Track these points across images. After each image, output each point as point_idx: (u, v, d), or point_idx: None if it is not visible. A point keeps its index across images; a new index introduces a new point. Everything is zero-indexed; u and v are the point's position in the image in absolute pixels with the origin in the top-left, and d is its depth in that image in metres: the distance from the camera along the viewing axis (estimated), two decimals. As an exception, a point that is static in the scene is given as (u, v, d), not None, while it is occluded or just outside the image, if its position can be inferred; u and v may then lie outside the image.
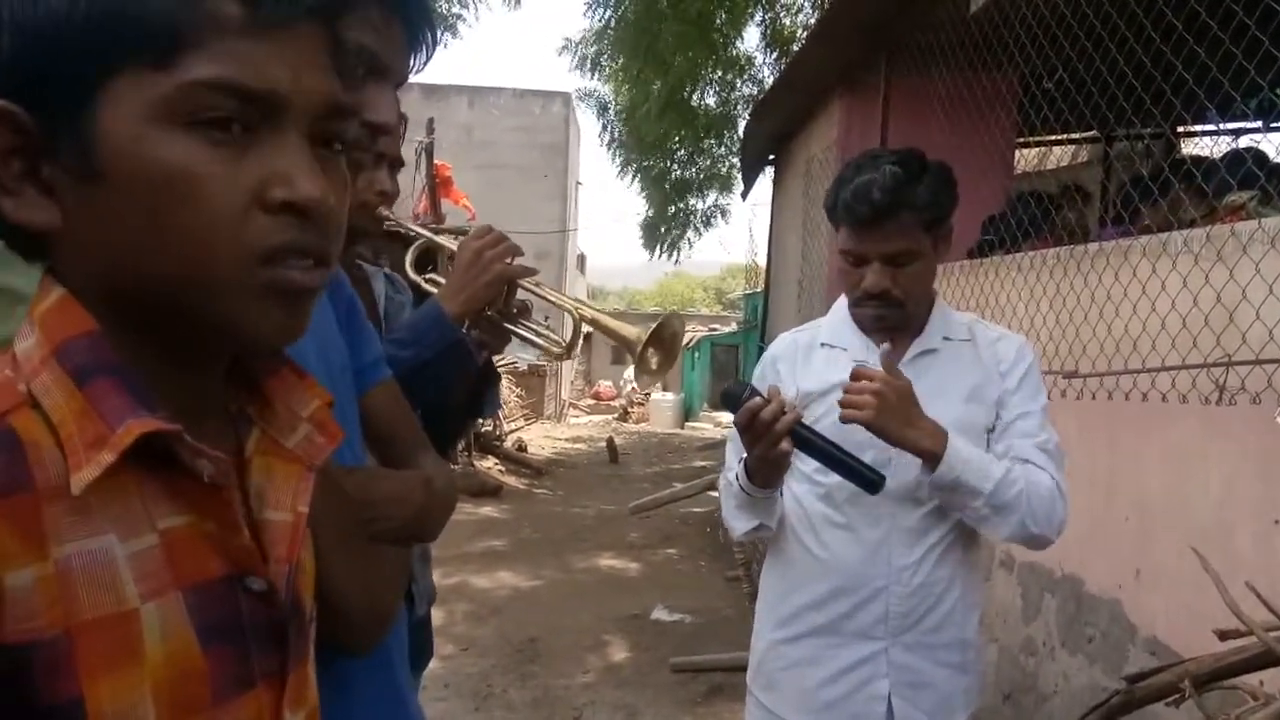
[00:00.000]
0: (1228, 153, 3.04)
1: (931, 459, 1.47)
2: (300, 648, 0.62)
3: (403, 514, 0.92)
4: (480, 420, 8.53)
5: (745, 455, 1.49)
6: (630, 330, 1.43)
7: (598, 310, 1.46)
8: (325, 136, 0.57)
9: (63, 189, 0.52)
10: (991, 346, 1.67)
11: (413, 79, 1.15)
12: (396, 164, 1.32)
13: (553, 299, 1.44)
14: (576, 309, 1.43)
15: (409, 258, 1.49)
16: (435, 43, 1.04)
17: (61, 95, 0.51)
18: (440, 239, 1.50)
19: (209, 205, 0.52)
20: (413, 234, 1.49)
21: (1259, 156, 2.76)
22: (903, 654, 1.59)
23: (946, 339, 1.65)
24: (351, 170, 1.05)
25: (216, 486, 0.54)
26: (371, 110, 0.98)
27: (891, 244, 1.54)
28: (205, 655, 0.54)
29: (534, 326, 1.44)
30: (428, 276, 1.49)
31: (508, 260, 1.36)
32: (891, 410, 1.45)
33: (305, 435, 0.64)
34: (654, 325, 1.40)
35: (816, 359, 1.66)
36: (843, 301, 1.72)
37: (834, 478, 1.51)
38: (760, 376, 1.71)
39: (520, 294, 1.43)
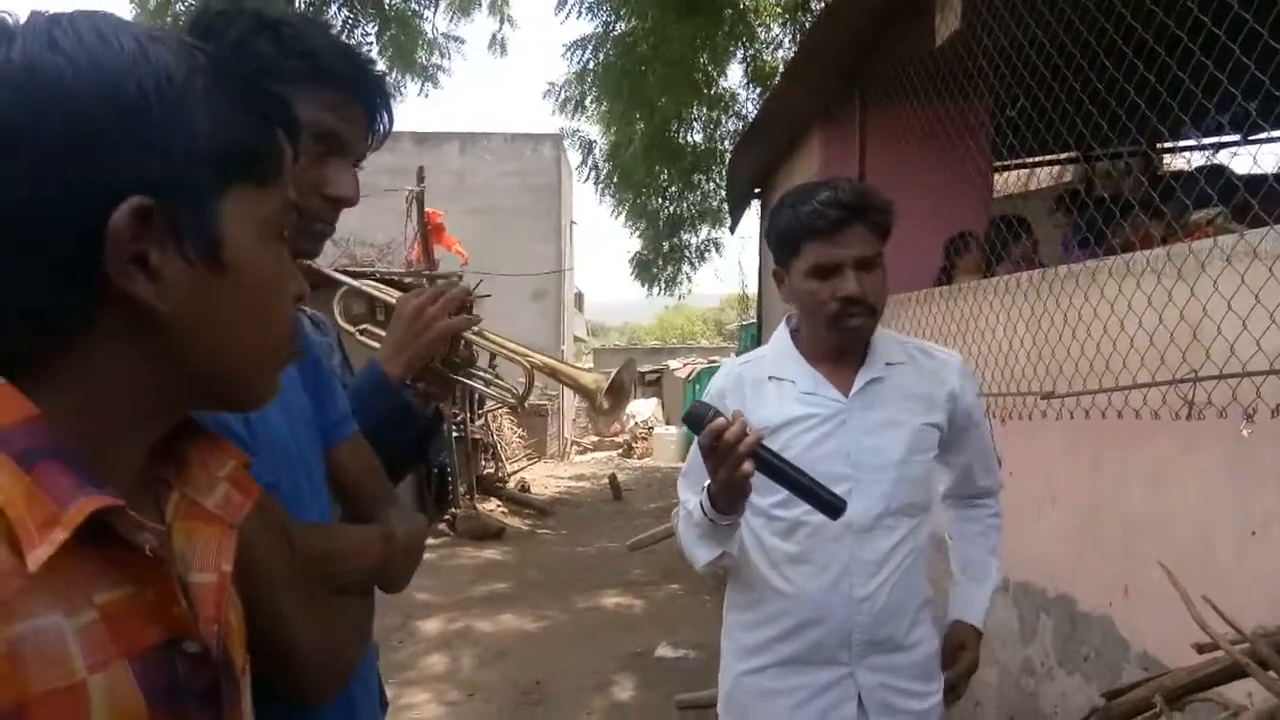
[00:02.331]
0: (1187, 172, 3.10)
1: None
2: (233, 703, 0.65)
3: (362, 566, 0.95)
4: (431, 466, 8.52)
5: (708, 483, 1.51)
6: (588, 378, 1.41)
7: (549, 357, 1.41)
8: None
9: (175, 277, 0.58)
10: (935, 369, 1.73)
11: (403, 128, 1.19)
12: None
13: (501, 350, 1.41)
14: (526, 358, 1.40)
15: (336, 309, 1.47)
16: (392, 122, 1.10)
17: (194, 198, 0.59)
18: (368, 287, 1.47)
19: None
20: (339, 282, 1.48)
21: (1215, 171, 2.83)
22: (868, 675, 1.63)
23: (889, 364, 1.70)
24: (316, 240, 1.10)
25: (157, 558, 0.57)
26: (332, 186, 1.03)
27: (860, 247, 1.59)
28: (151, 718, 0.56)
29: (483, 375, 1.41)
30: (362, 328, 1.48)
31: (449, 315, 1.33)
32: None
33: (224, 494, 0.67)
34: (611, 375, 1.40)
35: (768, 392, 1.68)
36: (783, 332, 1.75)
37: (793, 512, 1.56)
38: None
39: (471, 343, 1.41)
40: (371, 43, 9.18)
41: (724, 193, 10.73)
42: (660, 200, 11.71)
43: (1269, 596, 2.00)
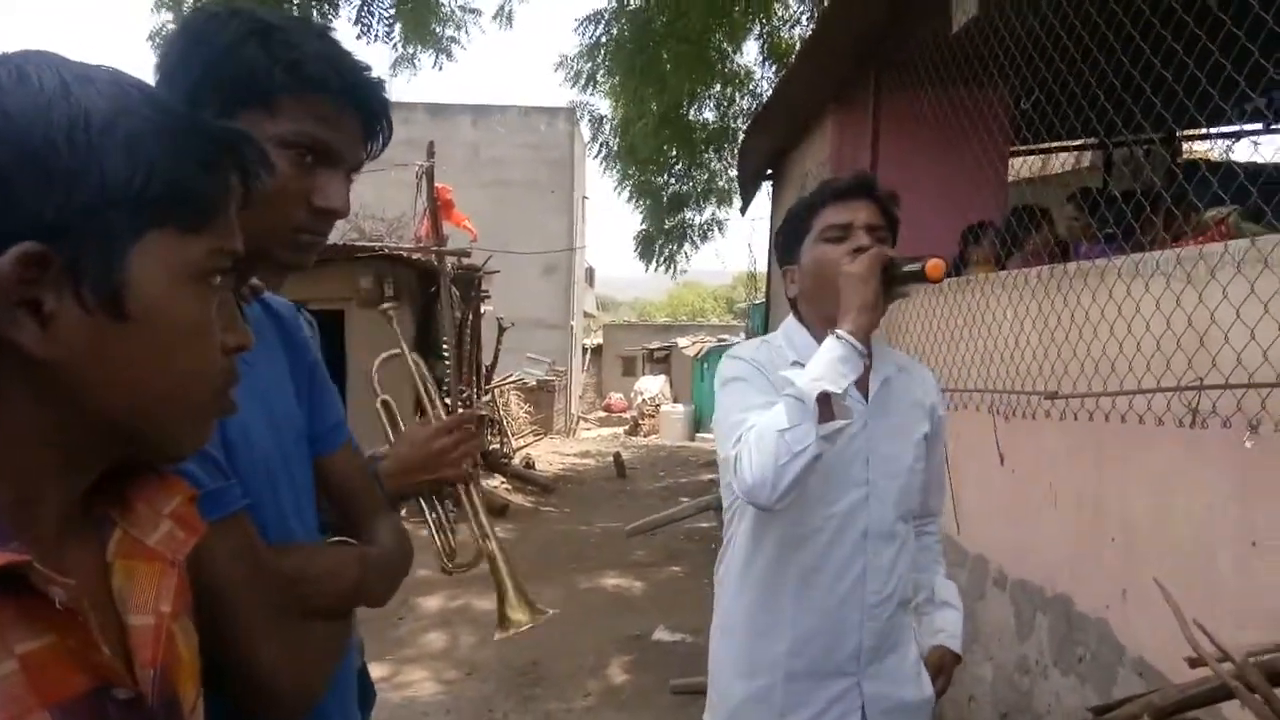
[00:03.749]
0: (1197, 168, 3.02)
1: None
2: None
3: (336, 590, 0.94)
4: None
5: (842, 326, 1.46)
6: (510, 598, 1.44)
7: (505, 558, 1.44)
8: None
9: (70, 324, 0.56)
10: (922, 379, 1.75)
11: (417, 99, 1.18)
12: None
13: (477, 520, 1.45)
14: (483, 540, 1.45)
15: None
16: (390, 130, 1.07)
17: (100, 243, 0.57)
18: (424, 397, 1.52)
19: (209, 349, 0.64)
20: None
21: (1228, 171, 2.76)
22: (871, 684, 1.62)
23: (896, 367, 1.70)
24: (303, 251, 1.07)
25: (69, 610, 0.55)
26: (320, 196, 1.00)
27: (871, 215, 1.62)
28: None
29: (445, 519, 1.47)
30: (385, 308, 1.58)
31: (462, 465, 1.40)
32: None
33: (167, 532, 0.66)
34: (534, 618, 1.42)
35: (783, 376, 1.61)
36: (794, 324, 1.72)
37: (813, 518, 1.55)
38: (748, 376, 1.62)
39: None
40: (391, 15, 9.09)
41: (733, 172, 10.65)
42: (666, 177, 11.62)
43: (1269, 608, 1.98)
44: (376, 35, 8.97)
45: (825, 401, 1.39)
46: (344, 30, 9.25)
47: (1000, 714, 3.36)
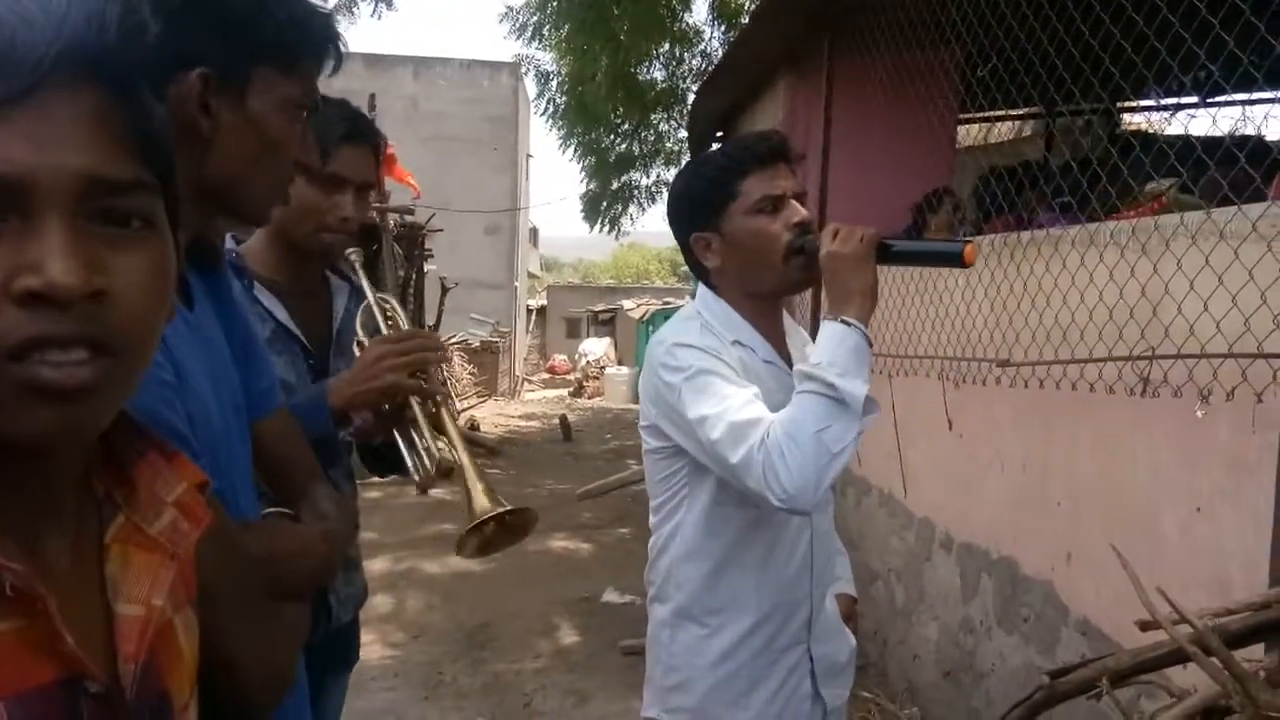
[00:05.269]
0: (1150, 139, 3.07)
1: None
2: None
3: (304, 569, 0.90)
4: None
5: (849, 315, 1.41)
6: (483, 502, 1.32)
7: (473, 461, 1.35)
8: (107, 214, 0.52)
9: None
10: (803, 344, 1.72)
11: (355, 49, 1.29)
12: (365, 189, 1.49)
13: (427, 439, 1.35)
14: (451, 446, 1.37)
15: (359, 323, 1.53)
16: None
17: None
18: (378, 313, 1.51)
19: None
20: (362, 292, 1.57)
21: (1173, 141, 2.80)
22: (817, 646, 1.65)
23: (801, 334, 1.71)
24: (275, 206, 1.05)
25: (23, 596, 0.51)
26: (301, 151, 1.03)
27: (796, 181, 1.58)
28: None
29: (417, 441, 1.38)
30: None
31: (408, 374, 1.34)
32: None
33: (169, 521, 0.62)
34: (509, 510, 1.31)
35: (740, 358, 1.57)
36: (712, 298, 1.64)
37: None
38: (715, 367, 1.53)
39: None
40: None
41: (681, 133, 10.56)
42: (613, 137, 11.47)
43: (1210, 572, 2.04)
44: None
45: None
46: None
47: (944, 672, 3.45)
